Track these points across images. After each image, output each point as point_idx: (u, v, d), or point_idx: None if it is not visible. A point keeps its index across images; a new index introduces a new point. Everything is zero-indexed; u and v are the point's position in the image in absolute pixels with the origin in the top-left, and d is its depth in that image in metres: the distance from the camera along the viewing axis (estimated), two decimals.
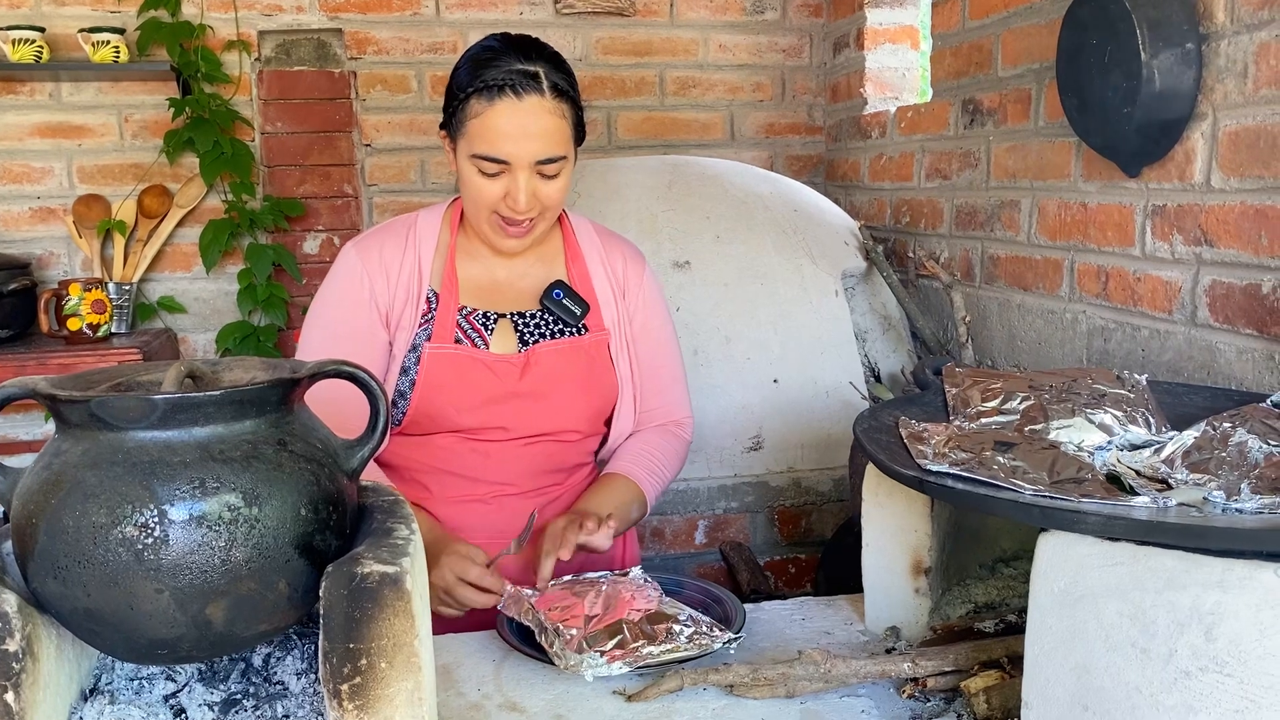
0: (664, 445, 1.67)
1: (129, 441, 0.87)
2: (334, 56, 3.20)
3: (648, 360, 1.67)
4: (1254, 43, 1.56)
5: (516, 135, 1.43)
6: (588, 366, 1.60)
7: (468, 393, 1.53)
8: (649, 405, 1.67)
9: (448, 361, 1.53)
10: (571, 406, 1.59)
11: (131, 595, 0.86)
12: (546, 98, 1.45)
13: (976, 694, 1.11)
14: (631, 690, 1.21)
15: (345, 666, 0.87)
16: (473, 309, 1.57)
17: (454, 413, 1.53)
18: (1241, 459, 1.11)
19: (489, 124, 1.44)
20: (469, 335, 1.56)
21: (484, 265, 1.61)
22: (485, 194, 1.48)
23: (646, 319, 1.67)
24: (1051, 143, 2.12)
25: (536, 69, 1.45)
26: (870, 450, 1.20)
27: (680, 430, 1.71)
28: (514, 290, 1.61)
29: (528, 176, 1.46)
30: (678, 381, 1.71)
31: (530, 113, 1.44)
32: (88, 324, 2.78)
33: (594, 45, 3.36)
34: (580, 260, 1.64)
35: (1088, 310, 2.02)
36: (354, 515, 1.01)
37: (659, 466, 1.64)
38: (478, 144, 1.45)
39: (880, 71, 3.20)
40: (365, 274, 1.55)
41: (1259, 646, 0.85)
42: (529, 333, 1.58)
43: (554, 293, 1.58)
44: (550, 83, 1.45)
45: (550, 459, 1.61)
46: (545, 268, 1.63)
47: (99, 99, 3.09)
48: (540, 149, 1.45)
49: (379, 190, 3.30)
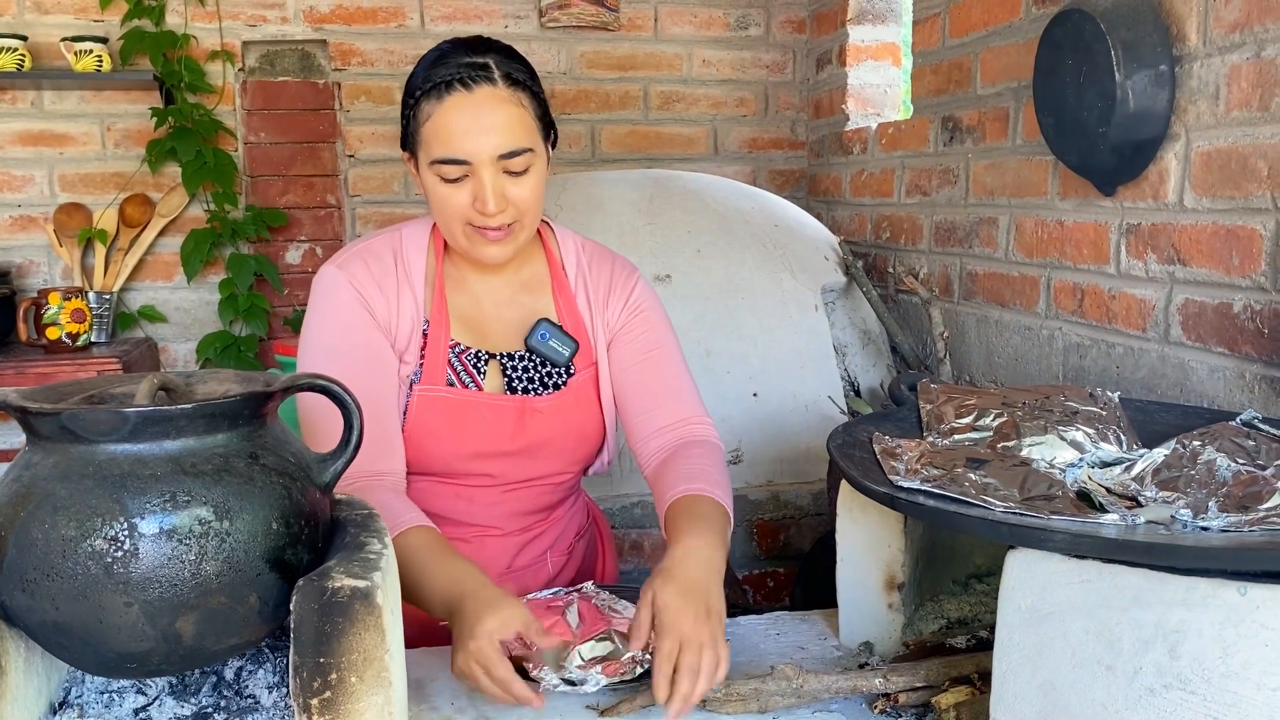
0: (709, 456, 1.47)
1: (100, 454, 0.87)
2: (318, 67, 3.20)
3: (660, 377, 1.54)
4: (1226, 65, 1.58)
5: (472, 130, 1.33)
6: (578, 415, 1.52)
7: (460, 441, 1.45)
8: (666, 420, 1.52)
9: (440, 406, 1.44)
10: (562, 455, 1.52)
11: (101, 609, 0.85)
12: (500, 87, 1.35)
13: (947, 709, 1.11)
14: (605, 705, 1.21)
15: (315, 680, 0.87)
16: (465, 347, 1.48)
17: (442, 460, 1.46)
18: (1210, 477, 1.13)
19: (441, 124, 1.34)
20: (460, 377, 1.46)
21: (470, 296, 1.51)
22: (452, 204, 1.37)
23: (650, 335, 1.55)
24: (1029, 161, 2.14)
25: (486, 60, 1.36)
26: (843, 466, 1.21)
27: (711, 437, 1.53)
28: (501, 324, 1.51)
29: (493, 175, 1.35)
30: (691, 389, 1.56)
31: (483, 104, 1.34)
32: (67, 333, 2.77)
33: (578, 59, 3.38)
34: (566, 288, 1.54)
35: (1064, 327, 2.04)
36: (326, 529, 1.01)
37: (718, 476, 1.44)
38: (435, 147, 1.35)
39: (862, 88, 3.22)
40: (358, 293, 1.43)
41: (1222, 665, 0.86)
42: (516, 379, 1.49)
43: (539, 333, 1.48)
44: (503, 72, 1.36)
45: (535, 500, 1.55)
46: (531, 297, 1.53)
47: (81, 108, 3.09)
48: (500, 142, 1.34)
49: (362, 201, 3.30)
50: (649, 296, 1.58)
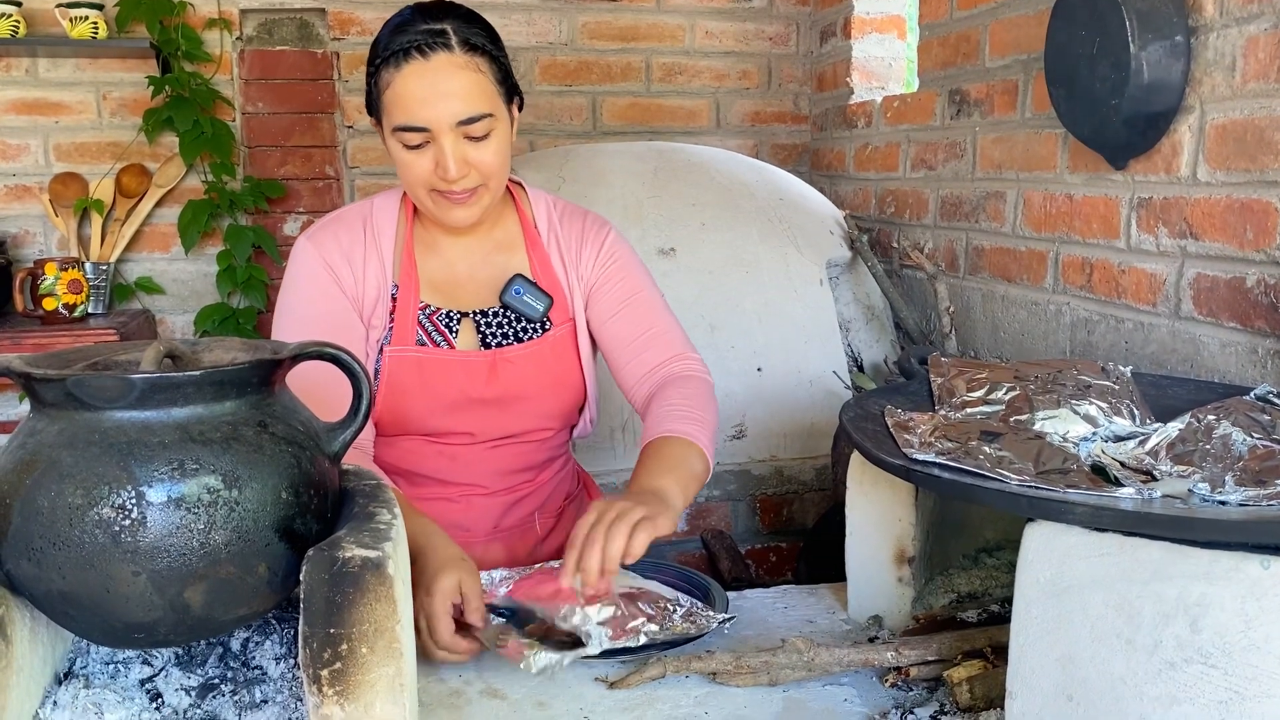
0: (690, 393, 1.48)
1: (106, 421, 0.86)
2: (316, 36, 3.16)
3: (641, 323, 1.55)
4: (1243, 36, 1.56)
5: (430, 97, 1.34)
6: (555, 366, 1.53)
7: (432, 397, 1.47)
8: (653, 361, 1.53)
9: (411, 365, 1.46)
10: (540, 409, 1.53)
11: (108, 578, 0.84)
12: (456, 53, 1.35)
13: (960, 683, 1.11)
14: (614, 678, 1.21)
15: (326, 651, 0.86)
16: (435, 308, 1.50)
17: (419, 417, 1.48)
18: (1225, 451, 1.12)
19: (400, 91, 1.35)
20: (431, 336, 1.49)
21: (443, 259, 1.52)
22: (416, 170, 1.39)
23: (626, 283, 1.56)
24: (1038, 134, 2.12)
25: (443, 26, 1.36)
26: (857, 439, 1.20)
27: (697, 371, 1.55)
28: (475, 284, 1.53)
29: (453, 141, 1.36)
30: (674, 328, 1.57)
31: (440, 71, 1.34)
32: (64, 304, 2.74)
33: (580, 29, 3.34)
34: (539, 246, 1.56)
35: (1072, 302, 2.02)
36: (335, 499, 0.99)
37: (699, 413, 1.45)
38: (395, 115, 1.36)
39: (867, 61, 3.19)
40: (326, 264, 1.47)
41: (1244, 638, 0.85)
42: (491, 334, 1.51)
43: (514, 289, 1.50)
44: (460, 38, 1.36)
45: (519, 459, 1.56)
46: (504, 256, 1.55)
47: (77, 75, 3.05)
48: (458, 109, 1.35)
49: (361, 173, 3.26)
50: (621, 246, 1.60)
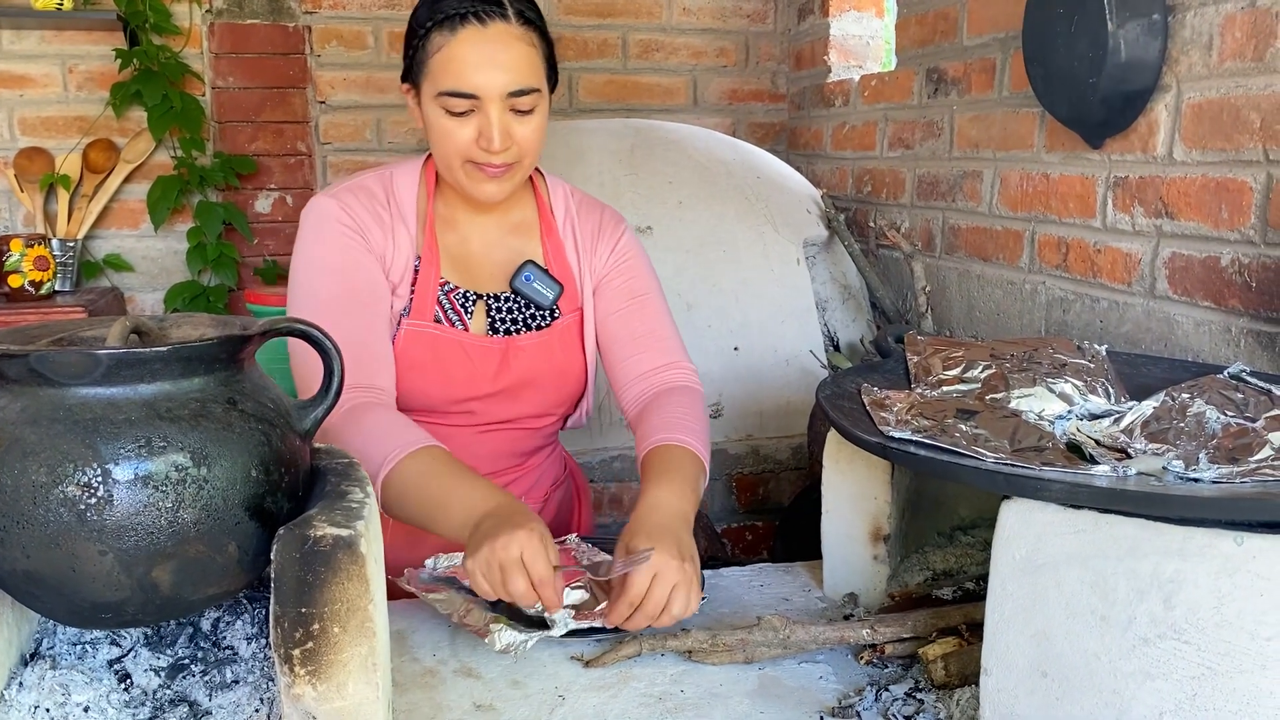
0: (688, 403, 1.48)
1: (71, 398, 0.84)
2: (288, 10, 3.11)
3: (644, 324, 1.54)
4: (1220, 15, 1.56)
5: (484, 64, 1.33)
6: (561, 355, 1.52)
7: (443, 378, 1.46)
8: (649, 365, 1.53)
9: (427, 341, 1.45)
10: (543, 397, 1.53)
11: (74, 557, 0.82)
12: (513, 24, 1.35)
13: (934, 660, 1.11)
14: (589, 656, 1.20)
15: (297, 631, 0.85)
16: (454, 286, 1.48)
17: (423, 394, 1.46)
18: (1199, 429, 1.12)
19: (453, 55, 1.34)
20: (448, 315, 1.47)
21: (459, 235, 1.51)
22: (456, 138, 1.37)
23: (636, 281, 1.56)
24: (1015, 113, 2.11)
25: None
26: (833, 416, 1.19)
27: (693, 383, 1.54)
28: (489, 264, 1.52)
29: (500, 112, 1.35)
30: (675, 336, 1.57)
31: (497, 40, 1.34)
32: (30, 281, 2.70)
33: (556, 4, 3.30)
34: (554, 232, 1.55)
35: (1047, 281, 2.03)
36: (307, 477, 0.98)
37: (698, 425, 1.45)
38: (443, 80, 1.35)
39: (844, 39, 3.18)
40: (354, 220, 1.42)
41: (1216, 614, 0.86)
42: (500, 320, 1.50)
43: (524, 275, 1.48)
44: (516, 9, 1.36)
45: (512, 444, 1.55)
46: (519, 240, 1.54)
47: (42, 48, 2.98)
48: (511, 79, 1.34)
49: (333, 149, 3.22)
50: (635, 245, 1.60)
